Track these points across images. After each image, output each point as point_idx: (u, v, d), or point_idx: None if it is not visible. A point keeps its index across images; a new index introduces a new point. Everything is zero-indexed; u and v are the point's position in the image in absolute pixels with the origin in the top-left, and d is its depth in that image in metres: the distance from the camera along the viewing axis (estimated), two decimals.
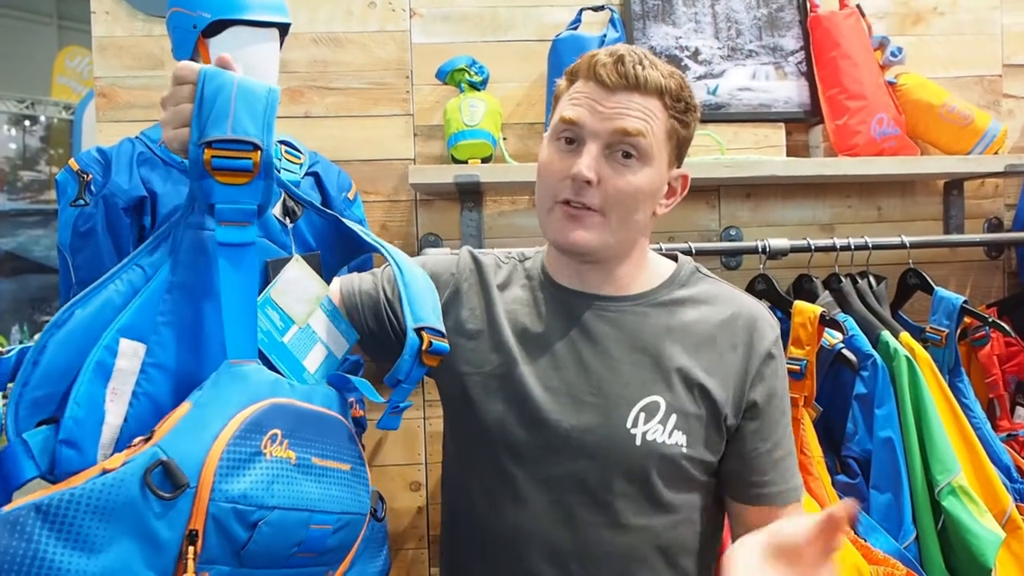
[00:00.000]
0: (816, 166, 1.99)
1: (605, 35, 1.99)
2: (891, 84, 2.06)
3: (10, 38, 10.05)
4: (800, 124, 2.15)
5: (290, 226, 0.96)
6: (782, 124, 2.07)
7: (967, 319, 1.84)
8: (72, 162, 1.62)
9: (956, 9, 2.21)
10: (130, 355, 0.82)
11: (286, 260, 0.95)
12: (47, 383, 0.80)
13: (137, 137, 1.66)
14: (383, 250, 1.00)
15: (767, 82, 2.11)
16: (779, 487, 1.06)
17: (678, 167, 1.06)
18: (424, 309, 0.96)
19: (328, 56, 2.08)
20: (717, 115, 2.06)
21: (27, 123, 10.58)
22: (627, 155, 0.98)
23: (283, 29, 1.69)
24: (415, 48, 2.10)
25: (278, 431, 0.82)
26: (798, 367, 1.56)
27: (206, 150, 0.81)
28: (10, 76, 10.02)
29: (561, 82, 1.05)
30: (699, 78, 2.09)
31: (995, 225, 2.22)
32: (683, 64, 2.09)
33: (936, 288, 1.84)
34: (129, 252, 1.59)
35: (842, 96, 2.00)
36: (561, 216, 1.00)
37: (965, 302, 1.77)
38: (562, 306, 1.07)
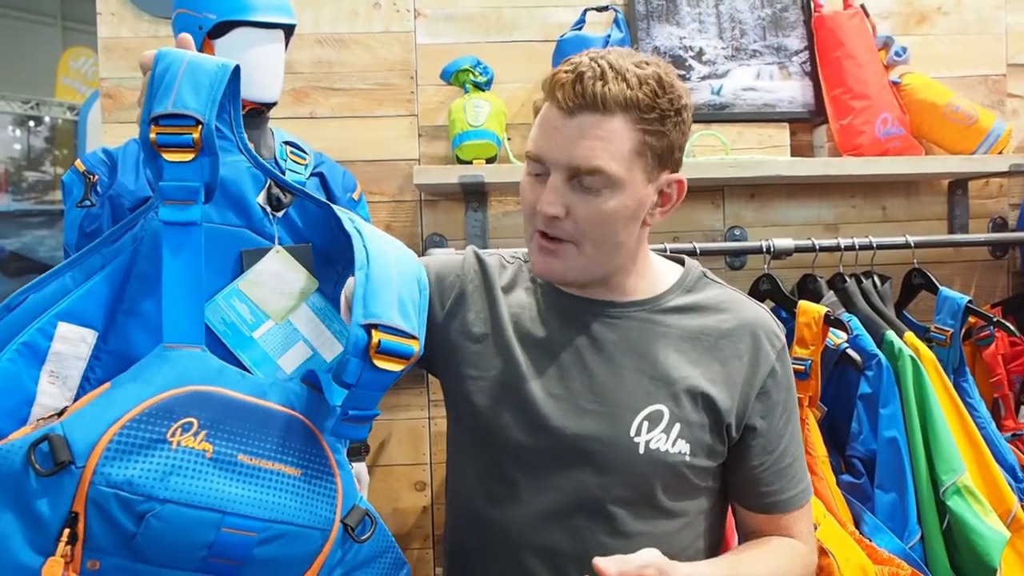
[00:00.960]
0: (820, 166, 1.99)
1: (609, 35, 2.00)
2: (895, 84, 2.06)
3: (14, 39, 10.09)
4: (804, 124, 2.15)
5: (276, 215, 0.91)
6: (786, 124, 2.07)
7: (972, 319, 1.84)
8: (78, 163, 1.63)
9: (960, 9, 2.21)
10: (72, 340, 0.81)
11: (264, 251, 0.91)
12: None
13: None
14: (356, 237, 0.90)
15: (771, 82, 2.11)
16: (786, 495, 1.06)
17: (671, 172, 1.01)
18: (380, 303, 0.84)
19: (333, 57, 2.09)
20: (721, 115, 2.07)
21: (31, 124, 10.63)
22: (591, 183, 0.95)
23: (288, 30, 1.70)
24: (419, 49, 2.10)
25: (193, 420, 0.78)
26: (803, 367, 1.56)
27: (152, 127, 0.80)
28: (14, 77, 10.06)
29: (539, 94, 1.04)
30: (703, 78, 2.09)
31: (999, 225, 2.22)
32: (687, 64, 2.09)
33: (940, 288, 1.84)
34: None
35: (846, 96, 2.00)
36: (537, 248, 1.00)
37: (970, 302, 1.77)
38: (565, 312, 1.06)
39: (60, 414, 0.77)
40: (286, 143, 1.77)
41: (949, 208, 2.20)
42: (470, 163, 1.91)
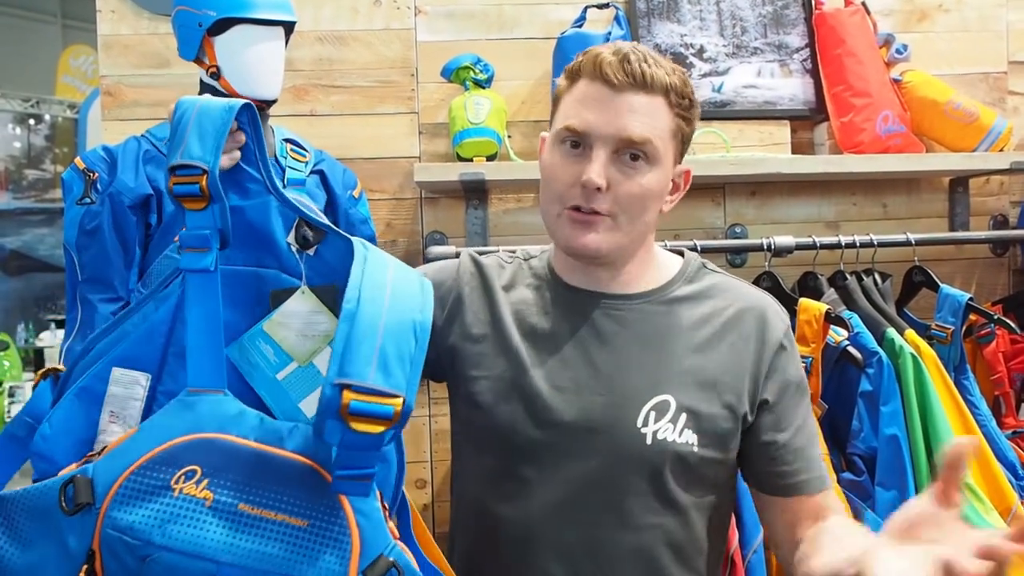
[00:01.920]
0: (821, 163, 1.99)
1: (610, 32, 1.99)
2: (896, 81, 2.05)
3: (14, 37, 10.10)
4: (805, 121, 2.15)
5: (305, 253, 0.90)
6: (787, 121, 2.07)
7: (972, 316, 1.83)
8: (78, 160, 1.63)
9: (961, 6, 2.21)
10: (127, 383, 0.84)
11: (291, 291, 0.90)
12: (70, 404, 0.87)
13: (143, 135, 1.67)
14: (355, 278, 0.82)
15: (772, 79, 2.11)
16: (808, 475, 1.04)
17: (680, 163, 1.06)
18: (357, 359, 0.75)
19: (333, 54, 2.09)
20: (722, 112, 2.06)
21: (32, 122, 10.64)
22: (635, 157, 0.97)
23: (288, 27, 1.69)
24: (420, 46, 2.10)
25: (197, 468, 0.78)
26: (804, 364, 1.56)
27: (170, 177, 0.82)
28: (15, 75, 10.07)
29: (561, 81, 1.04)
30: (704, 75, 2.09)
31: (1000, 222, 2.21)
32: (688, 62, 2.09)
33: (941, 285, 1.84)
34: (135, 250, 1.61)
35: (847, 93, 2.00)
36: (569, 222, 1.00)
37: (970, 299, 1.77)
38: (570, 305, 1.06)
39: (100, 452, 0.81)
40: (286, 141, 1.77)
41: (950, 206, 2.19)
42: (471, 160, 1.91)
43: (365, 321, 0.78)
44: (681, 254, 1.14)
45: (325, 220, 0.91)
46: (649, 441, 0.98)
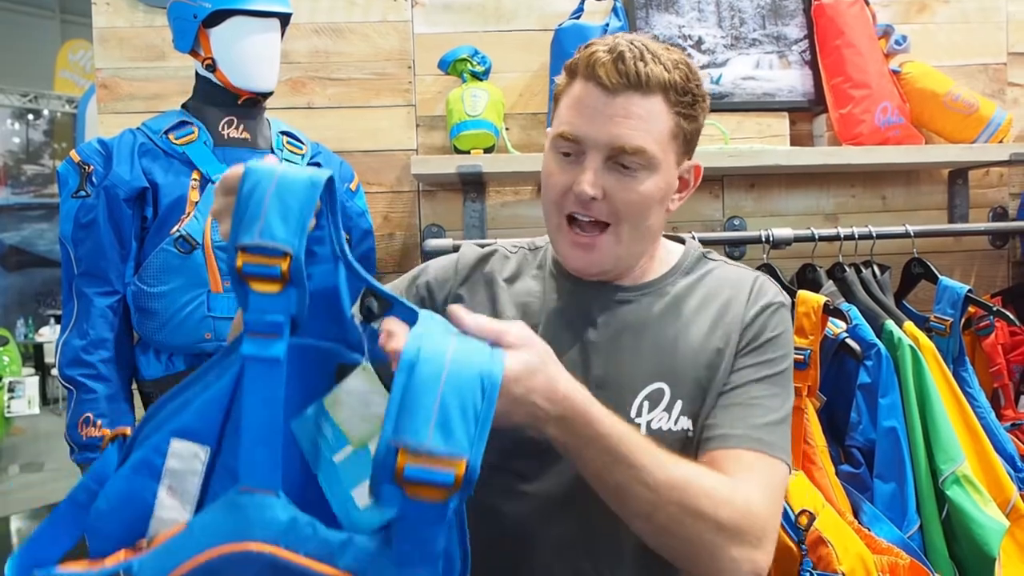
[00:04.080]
0: (820, 155, 1.99)
1: (608, 24, 1.99)
2: (895, 73, 2.05)
3: (13, 32, 10.09)
4: (804, 113, 2.14)
5: (369, 326, 0.83)
6: (786, 113, 2.06)
7: (971, 308, 1.83)
8: (73, 154, 1.62)
9: None
10: (186, 456, 0.78)
11: (354, 367, 0.81)
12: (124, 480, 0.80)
13: (138, 128, 1.66)
14: (415, 334, 0.75)
15: (771, 71, 2.10)
16: (720, 430, 0.96)
17: (688, 159, 1.02)
18: (415, 417, 0.68)
19: (330, 46, 2.08)
20: (721, 104, 2.05)
21: (30, 117, 10.63)
22: (631, 164, 0.95)
23: (284, 19, 1.69)
24: (417, 38, 2.09)
25: None
26: (802, 356, 1.55)
27: (239, 255, 0.73)
28: (13, 70, 10.07)
29: (561, 78, 1.02)
30: (703, 67, 2.08)
31: (1000, 214, 2.21)
32: (686, 53, 2.07)
33: (940, 277, 1.83)
34: (131, 243, 1.61)
35: (846, 85, 1.99)
36: (570, 243, 0.99)
37: (969, 291, 1.76)
38: (573, 297, 1.05)
39: (149, 544, 0.75)
40: (283, 133, 1.76)
41: (949, 197, 2.19)
42: (468, 153, 1.91)
43: (425, 372, 0.70)
44: (682, 242, 1.13)
45: (393, 292, 0.83)
46: (643, 432, 0.97)
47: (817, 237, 1.81)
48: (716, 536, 0.84)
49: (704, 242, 1.74)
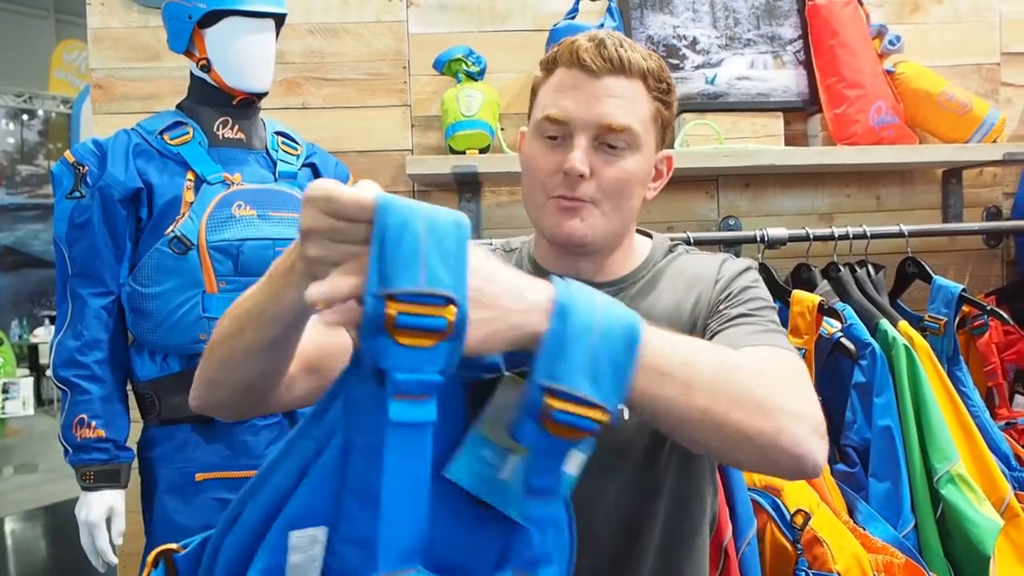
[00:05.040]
0: (814, 155, 1.99)
1: (603, 24, 1.99)
2: (889, 73, 2.05)
3: (7, 32, 10.06)
4: (798, 113, 2.14)
5: None
6: (780, 113, 2.06)
7: (966, 308, 1.83)
8: (68, 154, 1.62)
9: None
10: (306, 546, 0.70)
11: (491, 382, 0.75)
12: None
13: (133, 129, 1.66)
14: (562, 286, 0.73)
15: (765, 71, 2.10)
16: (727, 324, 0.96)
17: (663, 149, 1.05)
18: (568, 362, 0.67)
19: (325, 47, 2.08)
20: (715, 104, 2.06)
21: (25, 117, 10.60)
22: (616, 144, 0.97)
23: (279, 19, 1.68)
24: (412, 38, 2.09)
25: None
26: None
27: (389, 303, 0.62)
28: (8, 70, 10.04)
29: (538, 73, 1.04)
30: (697, 67, 2.08)
31: (994, 214, 2.22)
32: (681, 53, 2.08)
33: (935, 277, 1.84)
34: (126, 244, 1.60)
35: (840, 85, 2.00)
36: (555, 210, 0.99)
37: (964, 290, 1.77)
38: None
39: None
40: (278, 133, 1.76)
41: (943, 197, 2.20)
42: (463, 153, 1.91)
43: (579, 318, 0.69)
44: (650, 236, 1.12)
45: None
46: (627, 416, 0.97)
47: (812, 237, 1.82)
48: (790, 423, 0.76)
49: (699, 242, 1.76)
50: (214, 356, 0.87)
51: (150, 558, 0.72)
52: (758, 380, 0.76)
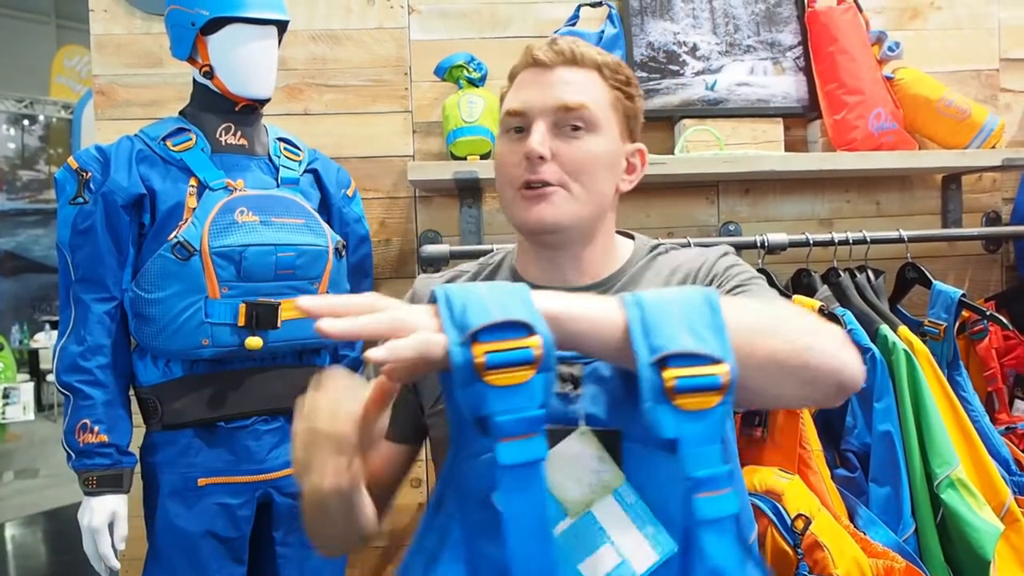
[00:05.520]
0: (814, 161, 2.00)
1: (603, 31, 2.00)
2: (889, 79, 2.06)
3: (8, 37, 10.08)
4: (798, 119, 2.15)
5: (573, 394, 0.75)
6: (780, 119, 2.07)
7: (965, 313, 1.84)
8: (71, 160, 1.63)
9: (953, 4, 2.21)
10: None
11: (567, 431, 0.74)
12: None
13: (136, 135, 1.66)
14: (631, 301, 0.72)
15: (765, 77, 2.11)
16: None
17: (632, 141, 1.06)
18: (663, 332, 0.67)
19: (327, 53, 2.08)
20: (715, 110, 2.07)
21: (26, 122, 10.62)
22: (575, 128, 0.99)
23: (281, 26, 1.69)
24: (413, 45, 2.10)
25: None
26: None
27: (474, 346, 0.63)
28: (8, 75, 10.06)
29: (505, 84, 1.07)
30: (697, 73, 2.09)
31: (993, 219, 2.22)
32: (681, 60, 2.09)
33: (934, 282, 1.84)
34: (128, 250, 1.61)
35: (840, 91, 2.01)
36: (522, 200, 1.00)
37: (963, 296, 1.78)
38: None
39: None
40: (280, 139, 1.77)
41: (943, 203, 2.20)
42: (464, 159, 1.91)
43: (653, 301, 0.69)
44: (632, 237, 1.12)
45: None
46: None
47: (812, 242, 1.82)
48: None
49: (699, 247, 1.76)
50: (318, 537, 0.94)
51: None
52: (786, 316, 0.77)
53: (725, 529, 0.66)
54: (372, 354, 0.64)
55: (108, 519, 1.57)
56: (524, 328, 0.64)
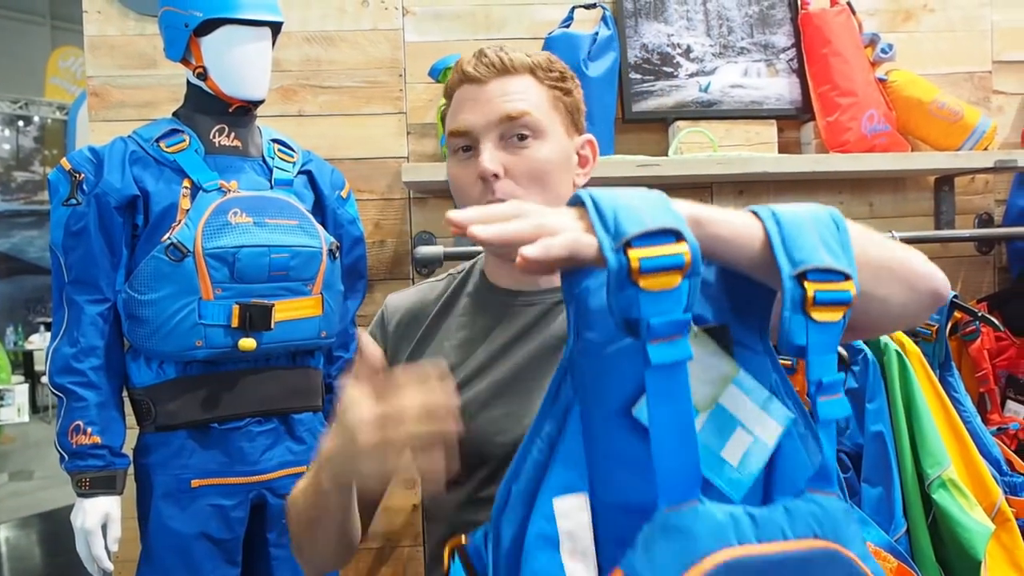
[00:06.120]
0: (808, 162, 2.00)
1: (597, 33, 2.00)
2: (882, 81, 2.07)
3: (3, 38, 10.06)
4: (792, 121, 2.16)
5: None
6: (774, 121, 2.08)
7: (957, 314, 1.85)
8: (64, 161, 1.62)
9: (946, 6, 2.22)
10: (571, 512, 0.73)
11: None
12: (510, 570, 0.75)
13: (129, 136, 1.67)
14: (768, 215, 0.78)
15: (759, 79, 2.12)
16: None
17: (579, 134, 1.07)
18: (803, 247, 0.72)
19: (321, 55, 2.09)
20: (709, 112, 2.07)
21: (20, 124, 10.60)
22: (522, 137, 0.99)
23: (275, 28, 1.69)
24: (408, 46, 2.10)
25: None
26: (790, 362, 1.57)
27: (628, 251, 0.65)
28: (3, 77, 10.04)
29: (444, 102, 1.07)
30: (691, 75, 2.10)
31: (985, 221, 2.23)
32: (675, 61, 2.09)
33: None
34: (122, 251, 1.61)
35: (833, 93, 2.01)
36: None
37: (955, 297, 1.78)
38: (496, 308, 1.04)
39: None
40: (274, 141, 1.77)
41: (935, 204, 2.21)
42: None
43: (789, 216, 0.75)
44: None
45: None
46: None
47: None
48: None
49: None
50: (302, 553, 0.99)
51: (445, 553, 0.80)
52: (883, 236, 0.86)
53: (832, 431, 0.74)
54: (528, 252, 0.66)
55: (101, 521, 1.57)
56: (673, 234, 0.67)
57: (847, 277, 0.72)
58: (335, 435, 0.81)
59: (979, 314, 1.82)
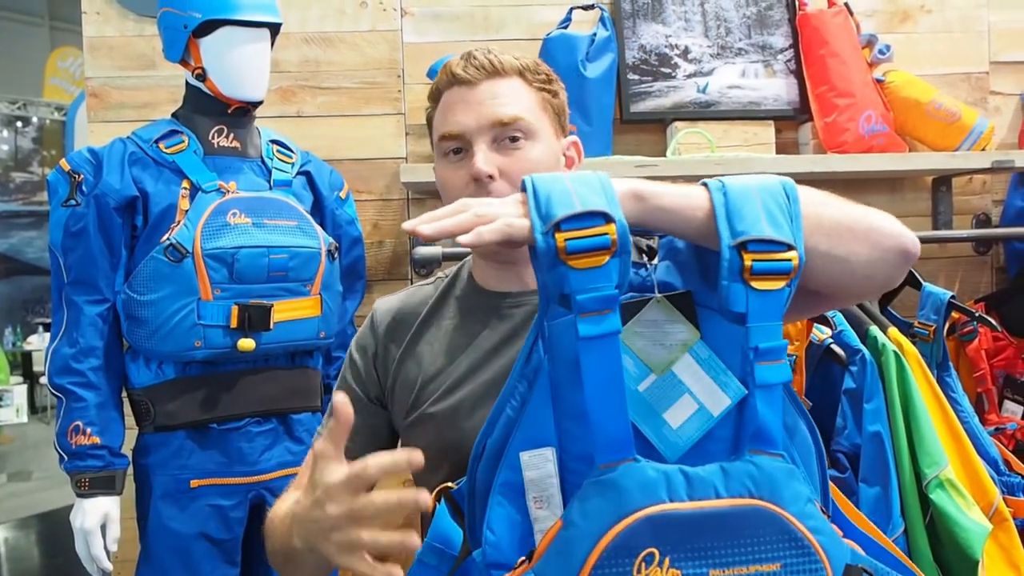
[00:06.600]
0: (805, 163, 2.01)
1: (595, 34, 2.01)
2: (879, 81, 2.07)
3: (2, 39, 10.06)
4: (789, 122, 2.16)
5: (651, 265, 0.86)
6: (771, 122, 2.08)
7: (955, 314, 1.85)
8: (63, 162, 1.63)
9: (943, 7, 2.23)
10: (538, 464, 0.79)
11: (644, 302, 0.83)
12: (482, 514, 0.81)
13: (129, 137, 1.67)
14: (715, 185, 0.83)
15: (756, 80, 2.12)
16: None
17: (564, 136, 1.07)
18: (745, 218, 0.76)
19: (320, 56, 2.09)
20: (707, 113, 2.08)
21: (19, 124, 10.60)
22: (514, 139, 0.99)
23: (274, 29, 1.70)
24: (406, 47, 2.10)
25: (654, 550, 0.71)
26: (788, 362, 1.57)
27: (556, 234, 0.72)
28: (2, 77, 10.04)
29: (429, 106, 1.07)
30: (689, 76, 2.10)
31: (983, 221, 2.23)
32: (673, 62, 2.10)
33: (924, 284, 1.85)
34: (121, 252, 1.61)
35: (831, 94, 2.02)
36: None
37: (953, 297, 1.78)
38: (483, 310, 1.05)
39: (529, 558, 0.76)
40: (273, 142, 1.77)
41: (933, 205, 2.21)
42: None
43: (736, 188, 0.79)
44: None
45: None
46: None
47: None
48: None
49: None
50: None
51: (432, 497, 0.83)
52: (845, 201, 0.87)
53: (775, 395, 0.78)
54: (463, 240, 0.73)
55: (100, 521, 1.58)
56: (602, 216, 0.72)
57: (790, 247, 0.75)
58: (307, 492, 0.80)
59: (977, 314, 1.82)
